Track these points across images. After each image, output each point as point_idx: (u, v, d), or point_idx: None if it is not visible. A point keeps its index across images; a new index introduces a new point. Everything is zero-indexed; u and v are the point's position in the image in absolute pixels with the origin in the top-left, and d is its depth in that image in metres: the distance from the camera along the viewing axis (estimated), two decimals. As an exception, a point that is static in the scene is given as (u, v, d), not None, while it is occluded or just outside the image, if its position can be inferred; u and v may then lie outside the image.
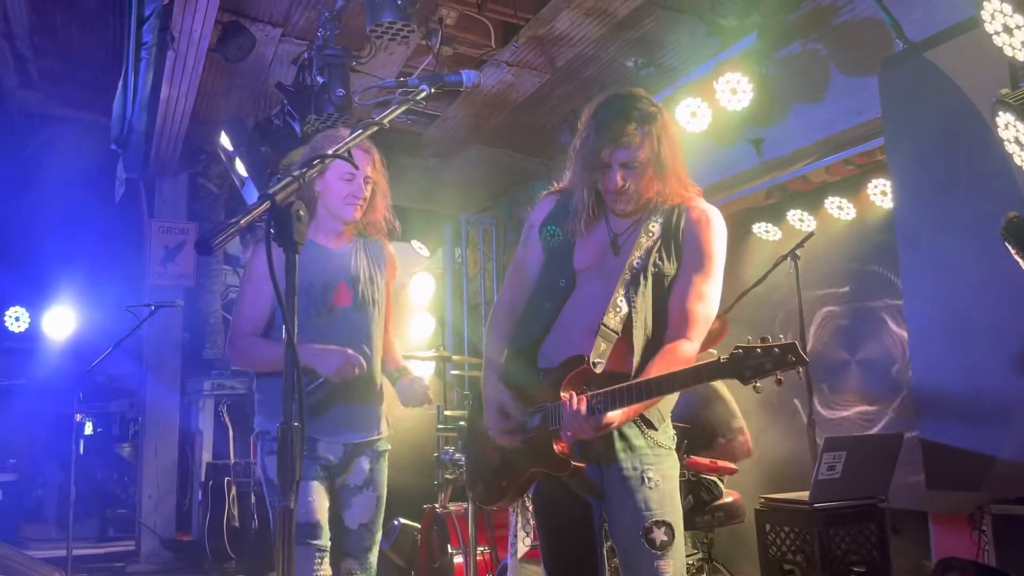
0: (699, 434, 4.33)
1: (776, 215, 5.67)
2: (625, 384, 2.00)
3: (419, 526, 4.81)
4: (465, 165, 7.19)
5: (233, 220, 1.38)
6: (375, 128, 1.81)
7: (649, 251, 2.19)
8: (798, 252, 4.45)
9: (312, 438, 2.64)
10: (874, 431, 4.87)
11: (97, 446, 8.47)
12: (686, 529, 4.27)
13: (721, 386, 4.52)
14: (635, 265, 2.18)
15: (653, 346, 2.15)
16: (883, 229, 4.81)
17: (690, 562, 4.34)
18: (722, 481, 4.38)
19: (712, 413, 4.47)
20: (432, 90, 2.07)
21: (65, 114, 6.73)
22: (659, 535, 2.10)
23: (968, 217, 3.46)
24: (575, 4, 4.68)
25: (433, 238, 7.92)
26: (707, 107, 4.80)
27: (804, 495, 3.72)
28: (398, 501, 5.54)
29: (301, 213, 1.46)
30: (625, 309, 2.16)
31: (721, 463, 4.21)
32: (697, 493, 4.28)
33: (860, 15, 4.41)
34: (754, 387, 1.87)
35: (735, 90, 4.60)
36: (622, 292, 2.16)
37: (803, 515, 3.69)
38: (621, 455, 2.16)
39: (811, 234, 4.75)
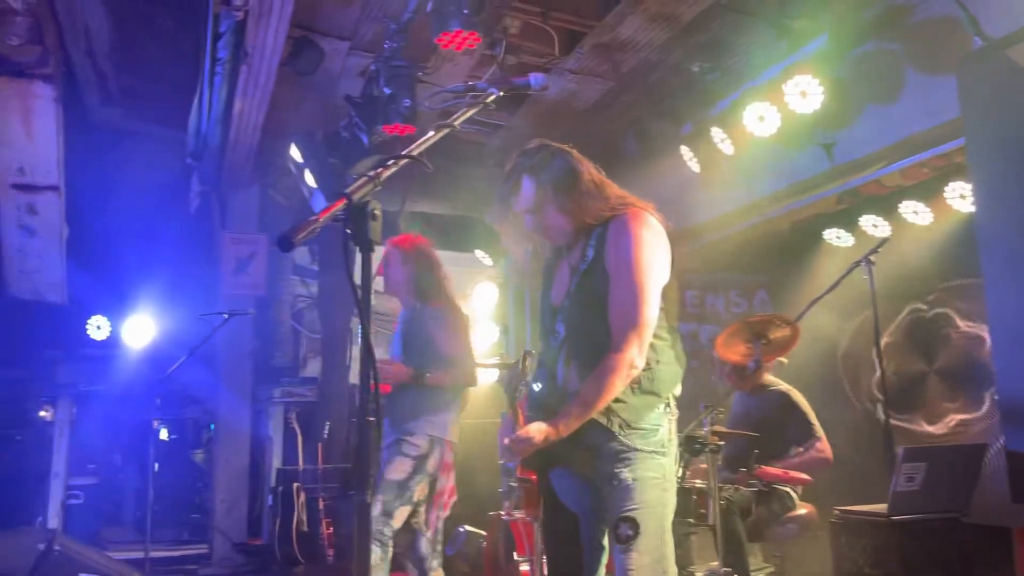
0: (771, 443, 4.22)
1: (848, 221, 5.53)
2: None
3: (484, 533, 4.81)
4: (529, 174, 7.17)
5: (312, 217, 1.41)
6: (448, 130, 1.83)
7: (583, 274, 2.37)
8: (872, 258, 4.33)
9: None
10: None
11: (172, 452, 8.69)
12: (755, 541, 4.17)
13: (797, 394, 4.41)
14: (572, 290, 2.39)
15: (590, 364, 2.28)
16: (962, 233, 4.64)
17: None
18: (796, 492, 4.26)
19: (787, 422, 4.36)
20: (501, 93, 2.10)
21: (143, 129, 6.95)
22: (624, 530, 2.24)
23: (1055, 219, 3.31)
24: (640, 9, 4.64)
25: (496, 247, 7.93)
26: (775, 111, 4.71)
27: (881, 507, 3.59)
28: (464, 508, 5.55)
29: (376, 212, 1.48)
30: (562, 333, 2.39)
31: (794, 474, 4.10)
32: (768, 504, 4.17)
33: (936, 13, 4.27)
34: None
35: (805, 93, 4.52)
36: (559, 318, 2.40)
37: (881, 528, 3.56)
38: (594, 462, 2.31)
39: (886, 239, 4.62)
